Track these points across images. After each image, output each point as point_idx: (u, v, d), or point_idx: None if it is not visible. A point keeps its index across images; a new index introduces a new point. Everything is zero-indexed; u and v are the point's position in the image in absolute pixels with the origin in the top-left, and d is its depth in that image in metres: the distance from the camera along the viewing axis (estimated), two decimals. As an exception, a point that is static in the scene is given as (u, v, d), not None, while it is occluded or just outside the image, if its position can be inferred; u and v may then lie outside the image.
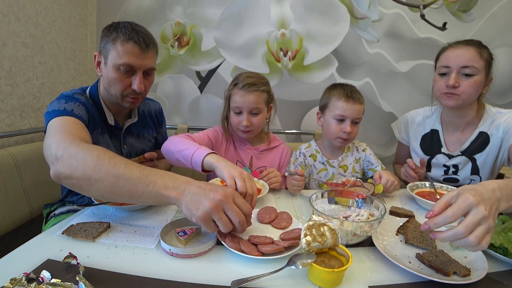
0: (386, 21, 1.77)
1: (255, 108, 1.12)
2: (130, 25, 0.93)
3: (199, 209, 0.59)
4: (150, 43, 0.95)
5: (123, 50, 0.90)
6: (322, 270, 0.54)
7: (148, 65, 0.96)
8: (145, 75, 0.97)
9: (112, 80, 0.93)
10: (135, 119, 1.11)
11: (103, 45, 0.94)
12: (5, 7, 1.30)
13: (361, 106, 1.14)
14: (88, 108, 0.94)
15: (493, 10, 1.71)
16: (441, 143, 1.20)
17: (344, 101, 1.12)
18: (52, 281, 0.51)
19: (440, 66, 1.09)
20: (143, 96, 1.02)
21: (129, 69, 0.92)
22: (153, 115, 1.23)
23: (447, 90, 1.05)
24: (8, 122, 1.35)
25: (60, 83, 1.66)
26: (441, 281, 0.55)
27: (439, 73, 1.09)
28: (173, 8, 1.82)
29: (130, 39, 0.90)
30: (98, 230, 0.71)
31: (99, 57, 0.97)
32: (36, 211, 1.22)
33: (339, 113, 1.13)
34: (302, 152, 1.28)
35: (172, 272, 0.58)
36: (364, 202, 0.80)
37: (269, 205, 0.94)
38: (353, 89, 1.16)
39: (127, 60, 0.90)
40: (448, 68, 1.05)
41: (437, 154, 1.21)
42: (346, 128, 1.12)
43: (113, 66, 0.91)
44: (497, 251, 0.65)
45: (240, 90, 1.11)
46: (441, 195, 1.02)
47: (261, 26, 1.78)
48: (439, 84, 1.09)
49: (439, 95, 1.10)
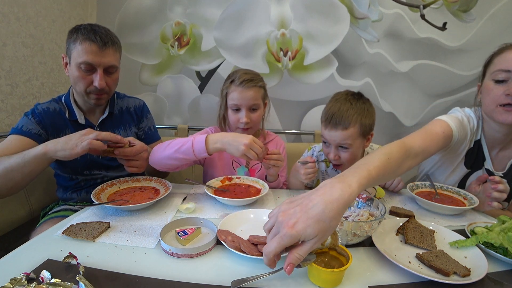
0: (386, 21, 1.77)
1: (253, 104, 1.13)
2: (90, 26, 0.98)
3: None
4: (108, 41, 0.98)
5: (82, 49, 0.95)
6: (322, 270, 0.54)
7: (107, 62, 0.99)
8: (107, 73, 1.01)
9: (75, 78, 0.99)
10: (104, 116, 1.11)
11: (67, 47, 0.99)
12: (5, 7, 1.30)
13: (345, 132, 0.97)
14: (45, 117, 1.02)
15: (493, 10, 1.71)
16: (484, 157, 1.03)
17: (324, 125, 1.02)
18: (52, 281, 0.51)
19: (498, 70, 0.89)
20: (108, 93, 1.05)
21: (89, 68, 0.97)
22: (132, 111, 1.21)
23: (506, 101, 0.87)
24: (8, 122, 1.35)
25: (60, 83, 1.66)
26: (441, 281, 0.55)
27: (494, 79, 0.90)
28: (173, 8, 1.82)
29: (88, 38, 0.95)
30: (98, 230, 0.71)
31: (66, 58, 1.02)
32: (36, 211, 1.22)
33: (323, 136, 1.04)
34: (315, 155, 1.22)
35: (172, 272, 0.58)
36: (364, 202, 0.80)
37: (269, 205, 0.94)
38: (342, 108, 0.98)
39: (86, 58, 0.95)
40: (509, 73, 0.87)
41: (478, 170, 1.05)
42: (330, 155, 1.03)
43: (75, 65, 0.97)
44: (497, 251, 0.65)
45: (238, 86, 1.10)
46: (441, 195, 1.02)
47: (261, 26, 1.78)
48: (494, 93, 0.90)
49: (494, 107, 0.91)
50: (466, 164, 1.06)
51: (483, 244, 0.67)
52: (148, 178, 1.03)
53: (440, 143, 0.93)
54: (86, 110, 1.09)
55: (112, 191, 0.95)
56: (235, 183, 1.07)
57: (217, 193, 0.96)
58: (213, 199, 0.95)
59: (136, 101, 1.25)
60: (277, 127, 1.92)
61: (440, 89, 1.83)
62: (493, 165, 1.02)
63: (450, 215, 0.91)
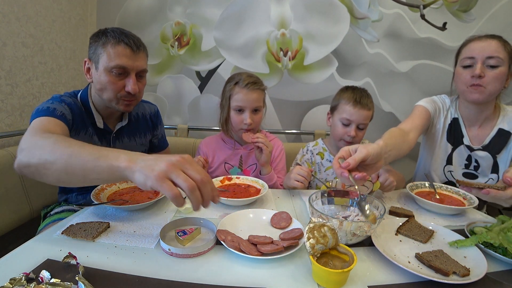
0: (386, 21, 1.77)
1: (256, 106, 1.17)
2: (118, 29, 0.95)
3: (154, 170, 0.53)
4: (141, 45, 0.97)
5: (114, 52, 0.91)
6: (332, 271, 0.53)
7: (140, 66, 0.97)
8: (138, 77, 0.98)
9: (104, 84, 0.93)
10: (124, 122, 1.10)
11: (92, 51, 0.95)
12: (5, 7, 1.30)
13: (368, 112, 1.15)
14: (73, 109, 0.95)
15: (493, 10, 1.71)
16: (462, 134, 1.18)
17: (352, 105, 1.14)
18: (52, 281, 0.51)
19: (464, 58, 1.07)
20: (138, 98, 1.02)
21: (121, 71, 0.93)
22: (148, 117, 1.20)
23: (473, 82, 1.04)
24: (8, 122, 1.35)
25: (60, 83, 1.66)
26: (441, 281, 0.55)
27: (462, 65, 1.08)
28: (173, 8, 1.83)
29: (121, 41, 0.91)
30: (98, 230, 0.71)
31: (89, 63, 0.97)
32: (36, 211, 1.22)
33: (345, 116, 1.15)
34: (309, 150, 1.30)
35: (172, 272, 0.58)
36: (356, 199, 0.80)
37: (268, 204, 0.94)
38: (363, 94, 1.17)
39: (119, 62, 0.91)
40: (473, 59, 1.04)
41: (460, 145, 1.18)
42: (351, 132, 1.14)
43: (105, 69, 0.92)
44: (497, 251, 0.65)
45: (243, 88, 1.14)
46: (441, 195, 1.02)
47: (261, 26, 1.78)
48: (463, 77, 1.07)
49: (465, 88, 1.07)
50: (449, 140, 1.21)
51: (482, 244, 0.67)
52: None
53: (422, 118, 1.17)
54: (104, 115, 1.05)
55: (111, 191, 0.95)
56: (235, 183, 1.07)
57: (216, 193, 0.95)
58: (213, 199, 0.95)
59: (151, 107, 1.24)
60: (277, 127, 1.92)
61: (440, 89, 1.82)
62: (471, 141, 1.16)
63: (449, 215, 0.91)
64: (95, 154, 0.60)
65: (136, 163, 0.56)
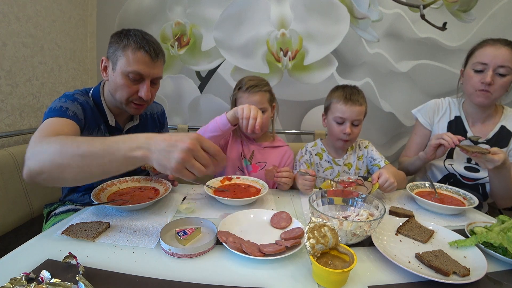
0: (386, 21, 1.77)
1: (260, 108, 1.15)
2: (140, 33, 0.94)
3: (171, 162, 0.59)
4: (160, 53, 0.97)
5: (133, 58, 0.91)
6: (332, 271, 0.53)
7: (156, 74, 0.98)
8: (152, 83, 0.99)
9: (119, 86, 0.94)
10: (136, 122, 1.12)
11: (112, 51, 0.94)
12: (5, 7, 1.30)
13: (360, 108, 1.16)
14: (86, 108, 0.95)
15: (493, 10, 1.71)
16: (465, 129, 1.21)
17: (343, 103, 1.15)
18: (52, 281, 0.51)
19: (477, 62, 1.09)
20: (149, 103, 1.03)
21: (138, 77, 0.94)
22: (156, 117, 1.23)
23: (482, 87, 1.07)
24: (8, 122, 1.35)
25: (60, 83, 1.66)
26: (441, 281, 0.55)
27: (474, 69, 1.10)
28: (173, 8, 1.82)
29: (141, 47, 0.91)
30: (98, 230, 0.71)
31: (107, 62, 0.97)
32: (36, 211, 1.22)
33: (338, 115, 1.16)
34: (308, 150, 1.30)
35: (172, 272, 0.58)
36: (363, 202, 0.80)
37: (269, 204, 0.95)
38: (353, 91, 1.18)
39: (137, 68, 0.92)
40: (485, 65, 1.07)
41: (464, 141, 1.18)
42: (346, 130, 1.15)
43: (122, 72, 0.92)
44: (497, 251, 0.65)
45: (244, 92, 1.17)
46: (441, 195, 1.02)
47: (261, 26, 1.78)
48: (473, 80, 1.10)
49: (472, 91, 1.11)
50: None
51: (482, 244, 0.67)
52: (148, 178, 1.03)
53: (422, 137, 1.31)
54: (116, 113, 1.05)
55: (111, 191, 0.95)
56: (235, 183, 1.07)
57: (216, 193, 0.96)
58: (213, 199, 0.95)
59: (158, 106, 1.26)
60: (277, 127, 1.92)
61: (440, 89, 1.82)
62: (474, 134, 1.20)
63: (449, 215, 0.91)
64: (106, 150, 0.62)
65: (152, 152, 0.60)
